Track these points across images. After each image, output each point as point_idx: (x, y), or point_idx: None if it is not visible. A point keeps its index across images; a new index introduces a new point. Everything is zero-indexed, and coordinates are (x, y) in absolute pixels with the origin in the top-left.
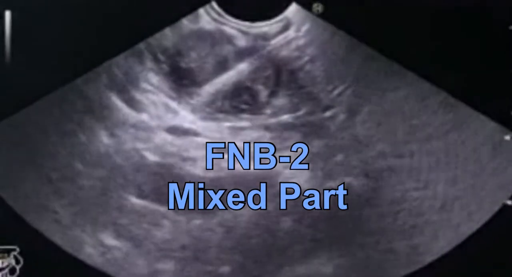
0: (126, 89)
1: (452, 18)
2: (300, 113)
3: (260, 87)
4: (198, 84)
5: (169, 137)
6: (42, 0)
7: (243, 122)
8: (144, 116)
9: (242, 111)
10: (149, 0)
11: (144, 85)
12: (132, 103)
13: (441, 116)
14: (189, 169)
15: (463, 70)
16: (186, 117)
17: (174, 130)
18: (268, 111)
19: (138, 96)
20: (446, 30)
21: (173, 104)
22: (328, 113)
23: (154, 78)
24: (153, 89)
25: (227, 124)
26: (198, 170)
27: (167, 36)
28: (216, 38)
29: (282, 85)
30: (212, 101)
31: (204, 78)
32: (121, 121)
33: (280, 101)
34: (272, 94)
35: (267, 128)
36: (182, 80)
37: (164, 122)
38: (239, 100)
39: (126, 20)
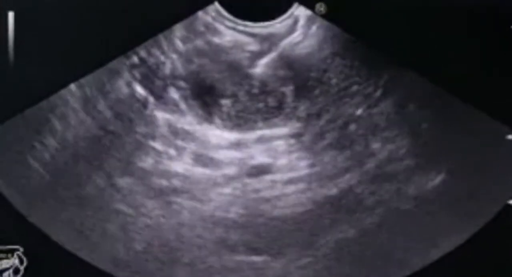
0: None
1: (453, 18)
2: (331, 113)
3: (283, 89)
4: (222, 98)
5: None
6: (44, 1)
7: (276, 128)
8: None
9: (274, 117)
10: (151, 0)
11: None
12: (200, 160)
13: (443, 116)
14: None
15: (465, 69)
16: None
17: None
18: (298, 113)
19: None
20: (447, 29)
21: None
22: (373, 110)
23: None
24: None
25: (260, 132)
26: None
27: (182, 62)
28: (229, 48)
29: (303, 85)
30: (240, 112)
31: (227, 91)
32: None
33: (307, 102)
34: (297, 95)
35: (304, 131)
36: (206, 100)
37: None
38: (267, 106)
39: (128, 20)
